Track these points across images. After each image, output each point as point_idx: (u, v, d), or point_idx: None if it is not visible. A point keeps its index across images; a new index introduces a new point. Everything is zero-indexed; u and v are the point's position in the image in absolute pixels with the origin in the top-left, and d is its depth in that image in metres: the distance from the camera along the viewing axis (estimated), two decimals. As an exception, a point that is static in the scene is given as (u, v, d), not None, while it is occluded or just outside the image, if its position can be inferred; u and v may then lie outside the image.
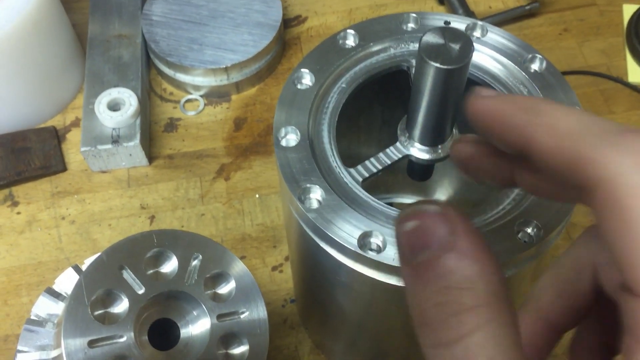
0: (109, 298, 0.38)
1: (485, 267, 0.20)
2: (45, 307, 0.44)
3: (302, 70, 0.42)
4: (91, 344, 0.36)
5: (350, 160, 0.42)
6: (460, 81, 0.36)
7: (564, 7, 0.81)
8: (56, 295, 0.44)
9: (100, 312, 0.37)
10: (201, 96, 0.74)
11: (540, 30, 0.79)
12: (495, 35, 0.43)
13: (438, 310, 0.20)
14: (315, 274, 0.44)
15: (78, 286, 0.37)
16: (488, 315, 0.20)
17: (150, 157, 0.70)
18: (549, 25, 0.80)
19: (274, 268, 0.63)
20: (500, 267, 0.21)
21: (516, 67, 0.42)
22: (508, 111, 0.24)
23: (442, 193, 0.63)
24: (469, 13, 0.77)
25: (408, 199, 0.65)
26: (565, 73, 0.73)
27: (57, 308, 0.44)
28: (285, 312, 0.61)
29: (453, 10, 0.78)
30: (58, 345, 0.37)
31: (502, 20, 0.78)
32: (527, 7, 0.78)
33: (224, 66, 0.71)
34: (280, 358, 0.59)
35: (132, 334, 0.37)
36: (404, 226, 0.22)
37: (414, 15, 0.45)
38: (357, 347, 0.54)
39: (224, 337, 0.40)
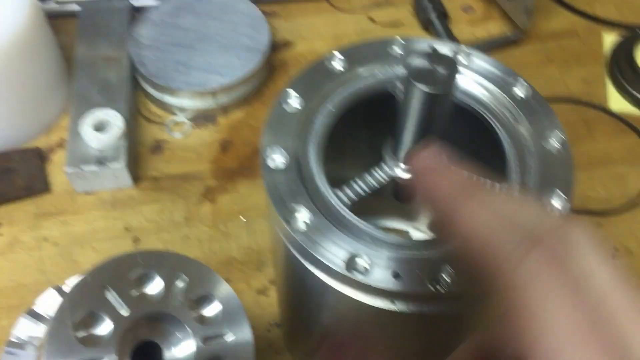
0: (92, 320, 0.37)
1: None
2: (26, 329, 0.43)
3: (290, 91, 0.43)
4: (73, 366, 0.35)
5: (336, 183, 0.42)
6: (446, 104, 0.36)
7: (547, 36, 0.83)
8: (37, 316, 0.44)
9: (83, 334, 0.37)
10: (188, 119, 0.74)
11: (524, 59, 0.81)
12: (480, 61, 0.44)
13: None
14: (302, 296, 0.44)
15: (62, 307, 0.36)
16: None
17: (136, 179, 0.69)
18: (532, 54, 0.81)
19: (259, 292, 0.63)
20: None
21: (501, 92, 0.43)
22: (443, 184, 0.27)
23: (427, 215, 0.63)
24: (453, 41, 0.79)
25: (394, 223, 0.65)
26: (547, 100, 0.75)
27: (38, 330, 0.43)
28: (270, 336, 0.60)
29: (438, 38, 0.80)
30: (39, 368, 0.36)
31: (486, 48, 0.80)
32: (511, 36, 0.80)
33: (211, 89, 0.71)
34: (264, 382, 0.58)
35: (114, 357, 0.36)
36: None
37: (401, 40, 0.45)
38: (342, 372, 0.54)
39: (209, 361, 0.39)
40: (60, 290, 0.44)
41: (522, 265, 0.21)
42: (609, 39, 0.82)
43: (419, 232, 0.65)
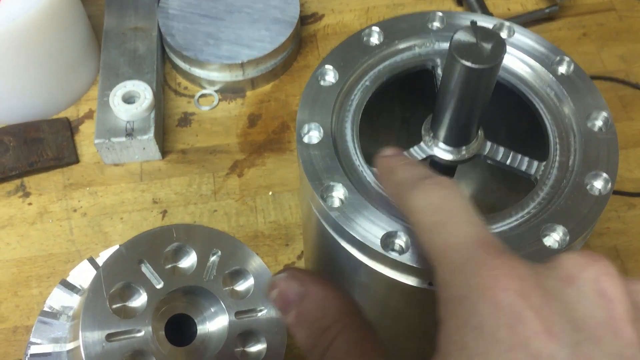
0: (127, 292, 0.37)
1: (332, 297, 0.29)
2: (60, 299, 0.43)
3: (326, 66, 0.42)
4: (109, 337, 0.35)
5: (368, 159, 0.41)
6: (490, 81, 0.35)
7: (583, 12, 0.80)
8: (71, 287, 0.44)
9: (118, 305, 0.37)
10: (216, 91, 0.73)
11: (559, 34, 0.78)
12: (522, 37, 0.43)
13: (310, 339, 0.28)
14: (333, 273, 0.44)
15: (97, 279, 0.36)
16: (342, 326, 0.28)
17: (164, 152, 0.69)
18: (568, 29, 0.79)
19: (287, 267, 0.62)
20: (346, 292, 0.30)
21: (544, 69, 0.42)
22: (388, 184, 0.35)
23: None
24: (487, 14, 0.77)
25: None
26: (594, 78, 0.73)
27: (72, 300, 0.43)
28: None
29: (471, 11, 0.78)
30: (75, 338, 0.37)
31: (520, 23, 0.78)
32: (547, 10, 0.78)
33: (240, 62, 0.71)
34: (290, 357, 0.58)
35: (149, 329, 0.36)
36: (272, 295, 0.30)
37: (440, 14, 0.44)
38: (370, 349, 0.54)
39: (242, 335, 0.39)
40: (93, 262, 0.44)
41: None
42: (648, 15, 0.79)
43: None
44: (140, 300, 0.37)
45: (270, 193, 0.67)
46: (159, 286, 0.38)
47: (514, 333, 0.22)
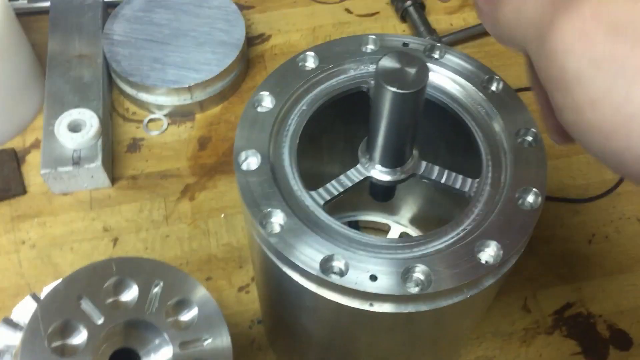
0: (67, 329, 0.37)
1: None
2: (3, 337, 0.43)
3: (262, 92, 0.42)
4: (48, 377, 0.35)
5: (313, 180, 0.41)
6: (416, 105, 0.36)
7: (523, 24, 0.82)
8: (14, 325, 0.43)
9: (58, 343, 0.36)
10: (165, 115, 0.73)
11: (500, 47, 0.80)
12: (453, 57, 0.44)
13: None
14: (280, 297, 0.44)
15: (34, 318, 0.36)
16: None
17: (113, 178, 0.69)
18: (509, 41, 0.81)
19: (241, 289, 0.62)
20: None
21: (474, 88, 0.43)
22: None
23: (407, 211, 0.63)
24: (430, 31, 0.78)
25: (373, 217, 0.65)
26: (524, 89, 0.75)
27: (15, 338, 0.43)
28: (252, 333, 0.60)
29: (415, 28, 0.79)
30: (14, 380, 0.36)
31: (462, 37, 0.79)
32: (488, 24, 0.79)
33: (187, 85, 0.71)
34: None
35: (91, 366, 0.36)
36: None
37: (373, 37, 0.45)
38: (324, 368, 0.54)
39: (187, 366, 0.39)
40: (36, 298, 0.43)
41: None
42: (586, 25, 0.82)
43: (399, 226, 0.65)
44: (80, 337, 0.37)
45: (222, 215, 0.67)
46: (99, 322, 0.37)
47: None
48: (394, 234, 0.64)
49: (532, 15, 0.28)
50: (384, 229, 0.65)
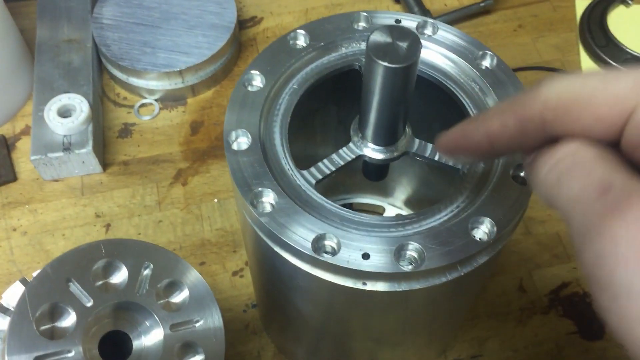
0: (55, 312, 0.36)
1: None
2: (-8, 323, 0.42)
3: (252, 72, 0.42)
4: (37, 360, 0.34)
5: (306, 161, 0.41)
6: (408, 80, 0.35)
7: (518, 4, 0.82)
8: (3, 310, 0.43)
9: (46, 326, 0.36)
10: (156, 100, 0.72)
11: (495, 27, 0.80)
12: (446, 33, 0.43)
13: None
14: (273, 278, 0.44)
15: (22, 301, 0.35)
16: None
17: (105, 164, 0.68)
18: (504, 21, 0.80)
19: (235, 273, 0.62)
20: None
21: (467, 64, 0.42)
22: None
23: (401, 192, 0.63)
24: (424, 11, 0.77)
25: (367, 199, 0.65)
26: (520, 69, 0.74)
27: (5, 323, 0.42)
28: (246, 317, 0.60)
29: (409, 9, 0.78)
30: (3, 363, 0.35)
31: (457, 17, 0.79)
32: (482, 4, 0.79)
33: (179, 69, 0.70)
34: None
35: (80, 349, 0.35)
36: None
37: (365, 14, 0.44)
38: (319, 350, 0.54)
39: (179, 347, 0.38)
40: (26, 283, 0.43)
41: None
42: (582, 4, 0.81)
43: (394, 208, 0.65)
44: (69, 320, 0.36)
45: (215, 200, 0.66)
46: (88, 304, 0.37)
47: None
48: (388, 216, 0.64)
49: (577, 194, 0.23)
50: (378, 212, 0.65)
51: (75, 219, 0.65)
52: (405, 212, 0.64)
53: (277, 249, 0.37)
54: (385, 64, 0.33)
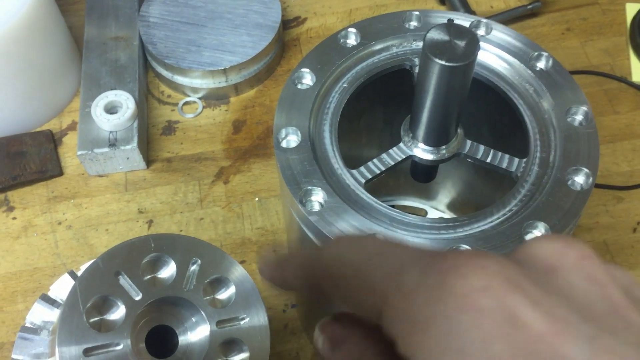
0: (105, 305, 0.37)
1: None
2: (40, 314, 0.43)
3: (303, 70, 0.41)
4: (87, 352, 0.34)
5: (351, 162, 0.40)
6: (465, 79, 0.35)
7: (566, 7, 0.80)
8: (51, 301, 0.43)
9: (96, 319, 0.36)
10: (199, 98, 0.73)
11: (543, 30, 0.78)
12: (500, 33, 0.43)
13: None
14: (317, 278, 0.43)
15: (73, 293, 0.36)
16: None
17: (148, 161, 0.69)
18: (551, 24, 0.79)
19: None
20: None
21: (522, 65, 0.41)
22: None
23: (445, 195, 0.62)
24: (470, 13, 0.76)
25: (410, 202, 0.64)
26: (574, 72, 0.72)
27: (53, 315, 0.43)
28: (286, 317, 0.59)
29: (454, 10, 0.77)
30: (53, 354, 0.36)
31: (503, 19, 0.77)
32: (529, 7, 0.77)
33: (223, 68, 0.70)
34: (277, 365, 0.57)
35: (128, 342, 0.35)
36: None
37: (417, 13, 0.44)
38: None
39: (224, 344, 0.38)
40: (74, 275, 0.43)
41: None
42: (633, 8, 0.79)
43: (436, 212, 0.64)
44: (118, 312, 0.36)
45: (256, 199, 0.66)
46: (137, 298, 0.37)
47: (512, 342, 0.17)
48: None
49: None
50: (420, 215, 0.64)
51: (118, 215, 0.66)
52: (447, 215, 0.63)
53: (324, 249, 0.37)
54: (443, 62, 0.33)
